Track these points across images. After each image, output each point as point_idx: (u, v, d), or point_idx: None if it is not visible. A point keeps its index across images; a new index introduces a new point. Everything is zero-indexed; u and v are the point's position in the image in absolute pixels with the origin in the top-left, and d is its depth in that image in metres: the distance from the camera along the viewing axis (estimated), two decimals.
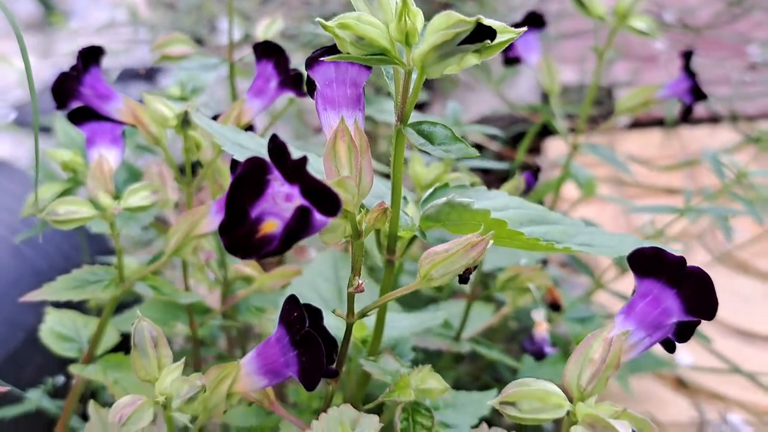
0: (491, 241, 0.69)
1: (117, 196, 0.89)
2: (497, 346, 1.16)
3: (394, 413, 0.79)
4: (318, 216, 0.52)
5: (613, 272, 1.46)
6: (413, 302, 1.31)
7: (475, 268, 0.71)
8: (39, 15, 3.29)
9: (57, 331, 0.99)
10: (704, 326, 1.52)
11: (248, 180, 0.52)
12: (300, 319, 0.70)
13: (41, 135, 2.14)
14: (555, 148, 2.07)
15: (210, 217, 0.89)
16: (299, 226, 0.51)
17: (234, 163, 0.77)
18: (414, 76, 0.65)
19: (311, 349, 0.70)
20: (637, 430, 0.64)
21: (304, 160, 0.50)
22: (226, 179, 1.03)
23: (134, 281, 0.91)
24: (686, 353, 1.48)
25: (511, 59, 1.44)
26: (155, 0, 2.87)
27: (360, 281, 0.67)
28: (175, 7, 3.00)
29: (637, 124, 2.11)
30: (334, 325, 0.79)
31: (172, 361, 0.72)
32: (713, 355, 1.45)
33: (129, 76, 2.52)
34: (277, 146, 0.51)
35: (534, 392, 0.63)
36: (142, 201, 0.88)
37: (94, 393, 1.36)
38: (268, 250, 0.51)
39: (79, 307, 1.17)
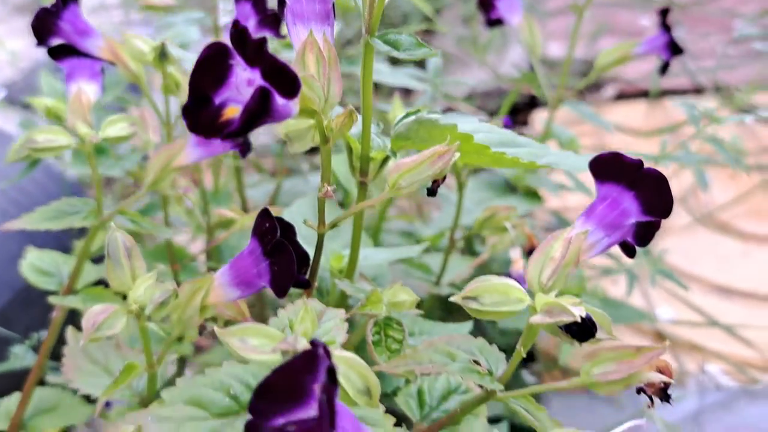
0: (457, 153, 0.71)
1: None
2: None
3: (366, 329, 0.80)
4: (279, 99, 0.54)
5: None
6: None
7: (443, 179, 0.73)
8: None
9: (37, 265, 1.01)
10: (686, 282, 1.55)
11: (209, 63, 0.54)
12: (272, 229, 0.72)
13: (32, 112, 2.16)
14: (542, 119, 2.09)
15: (188, 150, 0.91)
16: (259, 107, 0.52)
17: None
18: None
19: (282, 257, 0.71)
20: (598, 323, 0.66)
21: (264, 40, 0.52)
22: None
23: (114, 214, 0.92)
24: (666, 308, 1.50)
25: (493, 20, 1.45)
26: None
27: (328, 188, 0.69)
28: None
29: (623, 96, 2.13)
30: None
31: (145, 271, 0.74)
32: (693, 310, 1.47)
33: None
34: (238, 30, 0.53)
35: (496, 286, 0.65)
36: (120, 131, 0.89)
37: None
38: (230, 131, 0.53)
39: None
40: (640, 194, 0.66)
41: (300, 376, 0.46)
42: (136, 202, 0.95)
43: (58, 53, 0.93)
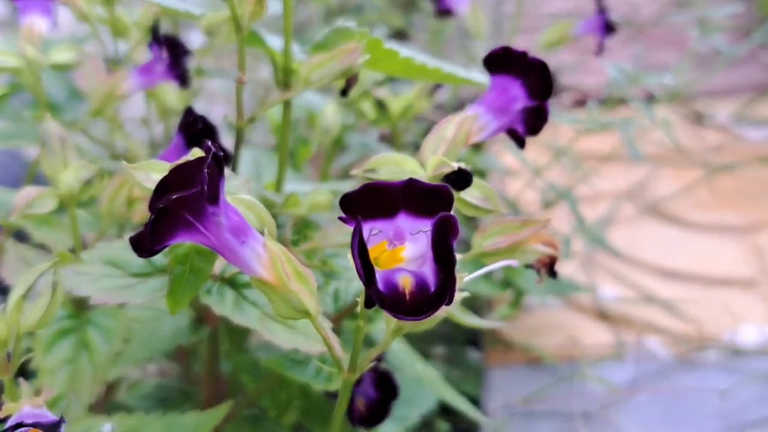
0: (366, 56, 0.77)
1: None
2: None
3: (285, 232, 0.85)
4: None
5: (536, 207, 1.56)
6: None
7: (355, 80, 0.79)
8: (12, 15, 3.40)
9: None
10: (630, 267, 1.61)
11: None
12: (194, 122, 0.78)
13: None
14: None
15: (131, 79, 0.97)
16: None
17: None
18: None
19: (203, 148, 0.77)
20: (485, 196, 0.71)
21: None
22: None
23: None
24: (610, 289, 1.56)
25: (443, 10, 1.54)
26: None
27: (242, 75, 0.75)
28: None
29: (580, 103, 2.22)
30: None
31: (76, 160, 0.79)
32: (635, 290, 1.53)
33: None
34: None
35: (392, 159, 0.70)
36: (66, 58, 0.96)
37: None
38: None
39: None
40: (526, 81, 0.72)
41: (191, 172, 0.52)
42: None
43: None
